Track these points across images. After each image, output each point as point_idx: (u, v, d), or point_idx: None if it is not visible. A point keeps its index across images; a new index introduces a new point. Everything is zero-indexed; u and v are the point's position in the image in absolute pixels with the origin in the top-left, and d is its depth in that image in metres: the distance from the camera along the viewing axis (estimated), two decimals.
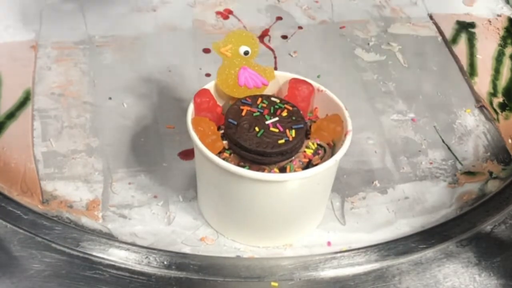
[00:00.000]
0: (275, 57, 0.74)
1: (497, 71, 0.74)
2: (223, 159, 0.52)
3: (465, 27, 0.80)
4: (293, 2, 0.82)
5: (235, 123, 0.53)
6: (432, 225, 0.58)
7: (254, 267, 0.54)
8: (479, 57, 0.76)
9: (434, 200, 0.61)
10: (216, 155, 0.51)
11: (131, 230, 0.57)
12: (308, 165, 0.53)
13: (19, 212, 0.56)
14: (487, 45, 0.77)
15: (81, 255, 0.53)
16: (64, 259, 0.53)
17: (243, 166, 0.51)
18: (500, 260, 0.55)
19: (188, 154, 0.63)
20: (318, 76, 0.69)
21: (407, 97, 0.71)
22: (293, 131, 0.52)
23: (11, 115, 0.65)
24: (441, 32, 0.79)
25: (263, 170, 0.52)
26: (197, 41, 0.76)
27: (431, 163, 0.65)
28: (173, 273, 0.53)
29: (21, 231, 0.54)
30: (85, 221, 0.57)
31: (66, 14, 0.78)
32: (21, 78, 0.69)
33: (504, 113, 0.69)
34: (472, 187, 0.62)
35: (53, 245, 0.53)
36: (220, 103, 0.56)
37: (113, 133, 0.65)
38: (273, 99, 0.55)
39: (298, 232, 0.57)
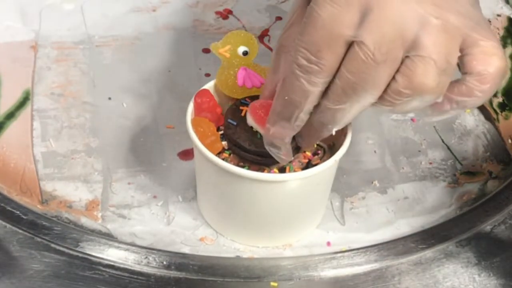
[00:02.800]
0: None
1: None
2: (223, 159, 0.52)
3: None
4: None
5: (235, 123, 0.53)
6: (431, 225, 0.58)
7: (253, 267, 0.54)
8: None
9: (433, 200, 0.61)
10: (216, 155, 0.51)
11: (131, 230, 0.57)
12: (308, 165, 0.53)
13: (18, 212, 0.56)
14: None
15: (80, 255, 0.53)
16: (63, 259, 0.53)
17: (243, 166, 0.51)
18: (500, 260, 0.55)
19: (187, 153, 0.63)
20: None
21: None
22: None
23: (11, 115, 0.65)
24: None
25: (262, 170, 0.52)
26: (197, 41, 0.75)
27: (430, 163, 0.65)
28: (172, 273, 0.53)
29: (20, 231, 0.54)
30: (85, 221, 0.57)
31: (66, 14, 0.78)
32: (20, 78, 0.69)
33: (504, 113, 0.69)
34: (471, 187, 0.62)
35: (53, 245, 0.53)
36: (219, 103, 0.56)
37: (112, 133, 0.65)
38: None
39: (297, 232, 0.57)
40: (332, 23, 0.41)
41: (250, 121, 0.52)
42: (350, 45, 0.41)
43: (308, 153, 0.53)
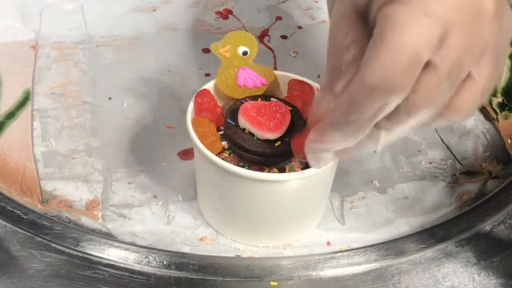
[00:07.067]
0: (274, 57, 0.74)
1: None
2: (223, 159, 0.52)
3: None
4: (293, 2, 0.82)
5: (234, 123, 0.53)
6: (431, 224, 0.58)
7: (253, 266, 0.54)
8: None
9: (433, 199, 0.61)
10: (216, 155, 0.51)
11: (131, 230, 0.57)
12: (308, 165, 0.53)
13: (18, 212, 0.56)
14: None
15: (80, 254, 0.53)
16: (63, 258, 0.53)
17: (243, 166, 0.52)
18: (499, 259, 0.55)
19: (187, 153, 0.63)
20: (318, 76, 0.69)
21: None
22: None
23: (11, 115, 0.65)
24: None
25: (262, 170, 0.52)
26: (197, 41, 0.76)
27: (430, 162, 0.65)
28: (172, 272, 0.53)
29: (20, 231, 0.54)
30: (85, 220, 0.57)
31: (66, 14, 0.78)
32: (21, 78, 0.69)
33: (503, 113, 0.69)
34: (471, 186, 0.63)
35: (53, 244, 0.53)
36: (219, 103, 0.56)
37: (113, 133, 0.65)
38: (272, 99, 0.55)
39: (297, 232, 0.57)
40: (415, 45, 0.38)
41: (243, 122, 0.52)
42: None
43: None
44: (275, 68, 0.72)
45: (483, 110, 0.70)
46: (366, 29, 0.42)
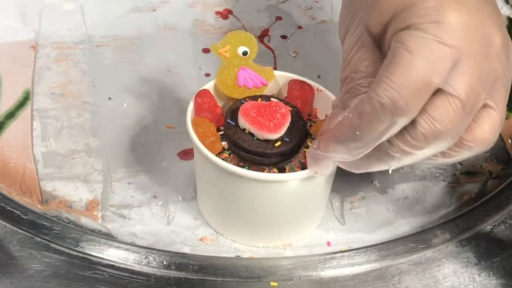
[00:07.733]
0: (274, 57, 0.74)
1: None
2: (223, 159, 0.52)
3: None
4: (293, 2, 0.82)
5: (234, 123, 0.53)
6: (431, 225, 0.58)
7: (253, 267, 0.54)
8: None
9: (433, 200, 0.61)
10: (216, 155, 0.51)
11: (131, 230, 0.57)
12: None
13: (18, 212, 0.56)
14: None
15: (80, 255, 0.53)
16: (63, 259, 0.53)
17: (243, 166, 0.51)
18: (500, 260, 0.55)
19: (187, 153, 0.63)
20: (318, 76, 0.69)
21: None
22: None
23: (11, 115, 0.65)
24: None
25: (262, 170, 0.52)
26: (197, 41, 0.76)
27: None
28: (172, 273, 0.53)
29: (20, 231, 0.54)
30: (85, 221, 0.57)
31: (66, 14, 0.78)
32: (20, 78, 0.69)
33: None
34: (471, 187, 0.62)
35: (53, 245, 0.53)
36: (219, 103, 0.56)
37: (112, 133, 0.65)
38: (272, 99, 0.55)
39: (297, 232, 0.57)
40: (427, 68, 0.40)
41: (243, 122, 0.52)
42: (435, 91, 0.41)
43: None
44: (275, 68, 0.72)
45: None
46: (380, 57, 0.44)
